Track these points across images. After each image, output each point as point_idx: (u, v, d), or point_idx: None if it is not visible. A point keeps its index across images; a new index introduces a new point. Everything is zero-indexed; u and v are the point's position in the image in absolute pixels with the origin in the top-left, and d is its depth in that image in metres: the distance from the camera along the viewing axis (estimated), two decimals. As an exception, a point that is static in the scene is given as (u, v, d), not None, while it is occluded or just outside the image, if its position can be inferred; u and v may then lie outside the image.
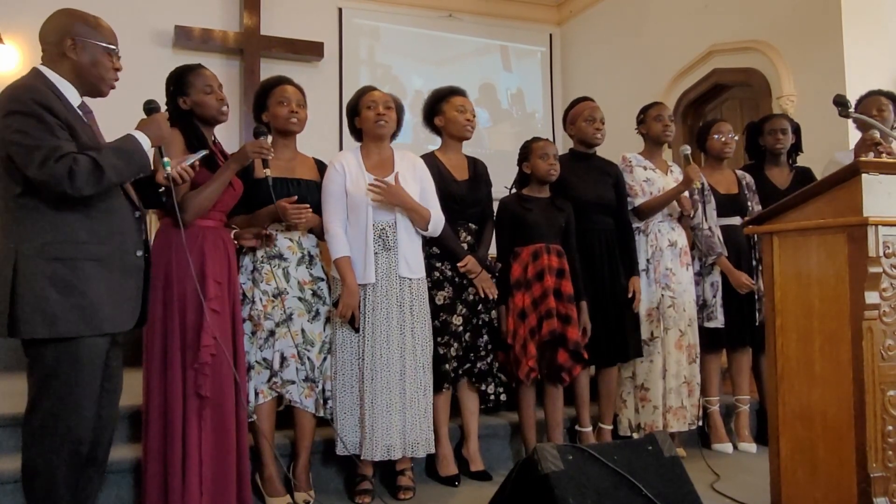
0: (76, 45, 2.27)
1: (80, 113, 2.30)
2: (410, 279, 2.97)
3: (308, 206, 2.87)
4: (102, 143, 2.31)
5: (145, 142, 2.28)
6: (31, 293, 2.14)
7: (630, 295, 3.45)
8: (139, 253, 2.35)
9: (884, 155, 3.26)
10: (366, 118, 3.05)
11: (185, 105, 2.72)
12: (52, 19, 2.32)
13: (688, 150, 3.55)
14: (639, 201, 3.59)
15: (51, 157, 2.08)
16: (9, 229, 2.19)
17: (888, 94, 3.74)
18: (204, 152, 2.55)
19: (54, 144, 2.10)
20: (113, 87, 2.38)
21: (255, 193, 2.87)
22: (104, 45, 2.32)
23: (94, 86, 2.33)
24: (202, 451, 2.56)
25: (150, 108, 2.40)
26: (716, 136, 3.82)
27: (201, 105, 2.72)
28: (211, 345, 2.56)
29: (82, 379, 2.20)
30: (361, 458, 2.91)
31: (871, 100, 3.69)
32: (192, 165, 2.45)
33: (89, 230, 2.21)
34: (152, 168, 2.34)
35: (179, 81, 2.73)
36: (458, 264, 3.16)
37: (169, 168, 2.36)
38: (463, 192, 3.28)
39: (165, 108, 2.72)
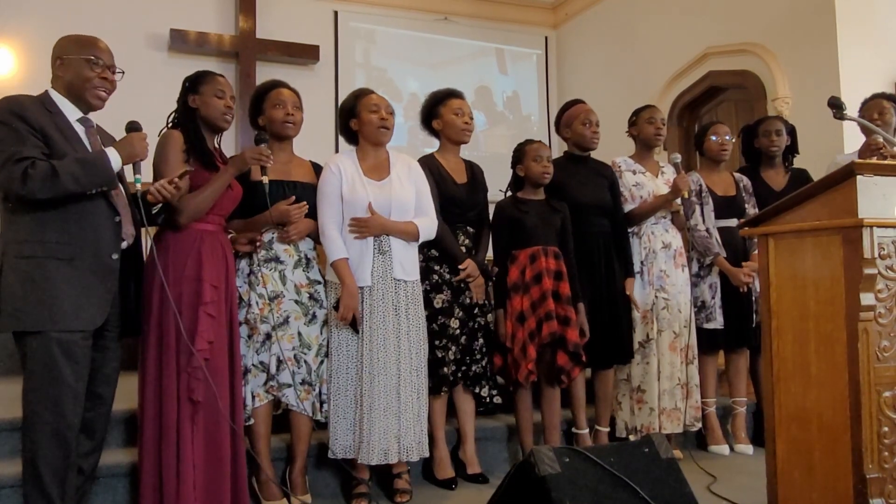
0: (63, 64, 2.44)
1: (82, 127, 2.45)
2: (405, 281, 2.96)
3: (305, 203, 2.89)
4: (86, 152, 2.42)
5: (115, 158, 2.38)
6: (6, 290, 2.29)
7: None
8: (115, 256, 2.42)
9: (889, 159, 3.27)
10: (368, 121, 3.03)
11: (193, 103, 2.77)
12: (54, 46, 2.48)
13: (678, 158, 3.55)
14: (628, 207, 3.59)
15: (10, 160, 2.23)
16: (2, 233, 2.34)
17: (890, 97, 3.75)
18: (187, 170, 2.56)
19: (16, 149, 2.24)
20: (101, 98, 2.48)
21: (251, 197, 2.87)
22: (83, 56, 2.43)
23: (83, 98, 2.46)
24: (196, 455, 2.55)
25: (129, 127, 2.48)
26: (713, 138, 3.82)
27: (207, 105, 2.75)
28: (205, 349, 2.56)
29: (57, 373, 2.28)
30: (358, 461, 2.90)
31: (873, 103, 3.70)
32: (174, 185, 2.45)
33: (60, 231, 2.32)
34: (118, 183, 2.46)
35: (196, 81, 2.80)
36: (459, 266, 3.16)
37: (139, 185, 2.43)
38: (463, 196, 3.28)
39: (176, 103, 2.81)
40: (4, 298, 2.29)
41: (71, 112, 2.44)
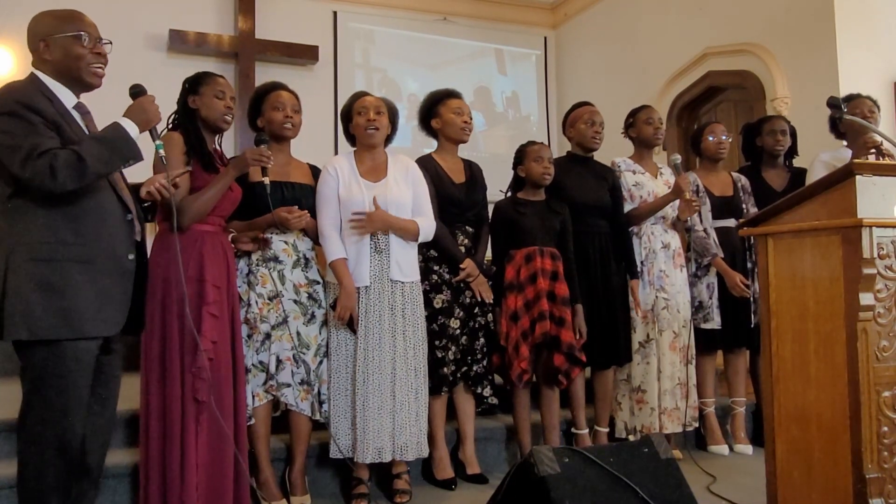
0: (47, 45, 2.26)
1: (78, 114, 2.30)
2: (403, 282, 2.96)
3: (306, 211, 2.89)
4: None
5: (132, 128, 2.24)
6: (15, 295, 2.13)
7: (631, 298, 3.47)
8: (130, 256, 2.32)
9: (886, 158, 3.27)
10: (357, 125, 3.05)
11: (193, 104, 2.75)
12: (29, 26, 2.32)
13: (678, 158, 3.55)
14: (628, 207, 3.59)
15: (31, 155, 2.08)
16: (1, 232, 2.19)
17: (872, 100, 3.74)
18: (187, 169, 2.53)
19: (35, 142, 2.09)
20: (98, 74, 2.32)
21: (251, 197, 2.87)
22: (70, 33, 2.27)
23: (78, 78, 2.29)
24: (199, 455, 2.55)
25: (135, 92, 2.35)
26: (710, 138, 3.83)
27: (208, 106, 2.74)
28: (209, 349, 2.55)
29: (69, 383, 2.17)
30: (355, 460, 2.91)
31: (860, 101, 3.68)
32: (173, 183, 2.39)
33: (76, 232, 2.19)
34: (142, 156, 2.30)
35: (195, 82, 2.78)
36: (460, 266, 3.16)
37: (161, 152, 2.33)
38: (461, 195, 3.28)
39: (176, 104, 2.78)
40: (14, 305, 2.12)
41: (66, 97, 2.26)
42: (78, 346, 2.17)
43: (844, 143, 3.72)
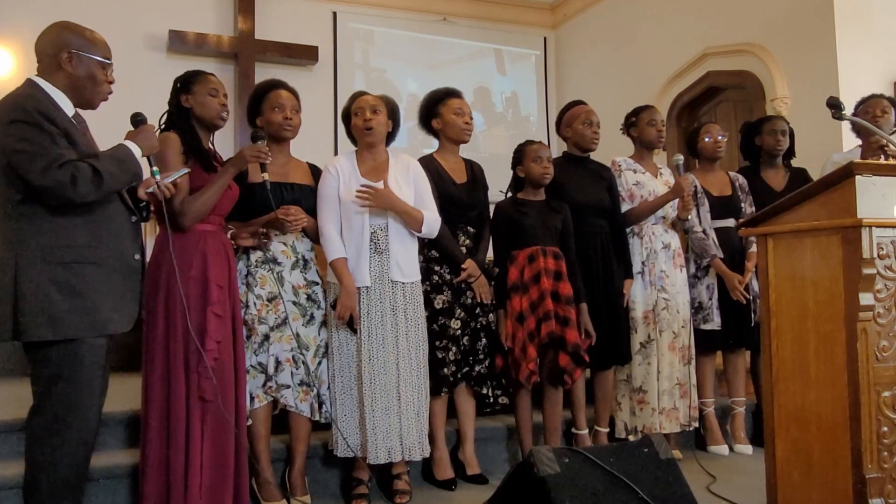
0: (72, 58, 2.33)
1: (75, 123, 2.35)
2: (403, 283, 2.96)
3: (303, 214, 2.88)
4: (97, 150, 2.36)
5: (137, 151, 2.36)
6: (34, 296, 2.20)
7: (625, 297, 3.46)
8: (137, 256, 2.41)
9: (892, 158, 3.28)
10: (355, 125, 3.05)
11: (186, 103, 2.74)
12: (49, 31, 2.37)
13: (680, 159, 3.55)
14: (626, 206, 3.59)
15: (53, 165, 2.15)
16: (7, 236, 2.24)
17: (889, 99, 3.76)
18: (186, 170, 2.55)
19: (56, 152, 2.17)
20: (105, 100, 2.44)
21: (249, 198, 2.87)
22: (99, 58, 2.38)
23: (88, 99, 2.39)
24: (203, 455, 2.55)
25: (137, 120, 2.46)
26: (706, 138, 3.83)
27: (202, 105, 2.73)
28: (214, 349, 2.56)
29: (86, 380, 2.25)
30: (366, 461, 2.90)
31: (875, 101, 3.71)
32: (173, 183, 2.45)
33: (89, 234, 2.27)
34: (142, 178, 2.41)
35: (187, 80, 2.77)
36: (461, 267, 3.16)
37: (158, 177, 2.42)
38: (462, 196, 3.28)
39: (168, 104, 2.78)
40: (34, 306, 2.19)
41: (67, 107, 2.33)
42: (95, 343, 2.26)
43: (860, 143, 3.74)
